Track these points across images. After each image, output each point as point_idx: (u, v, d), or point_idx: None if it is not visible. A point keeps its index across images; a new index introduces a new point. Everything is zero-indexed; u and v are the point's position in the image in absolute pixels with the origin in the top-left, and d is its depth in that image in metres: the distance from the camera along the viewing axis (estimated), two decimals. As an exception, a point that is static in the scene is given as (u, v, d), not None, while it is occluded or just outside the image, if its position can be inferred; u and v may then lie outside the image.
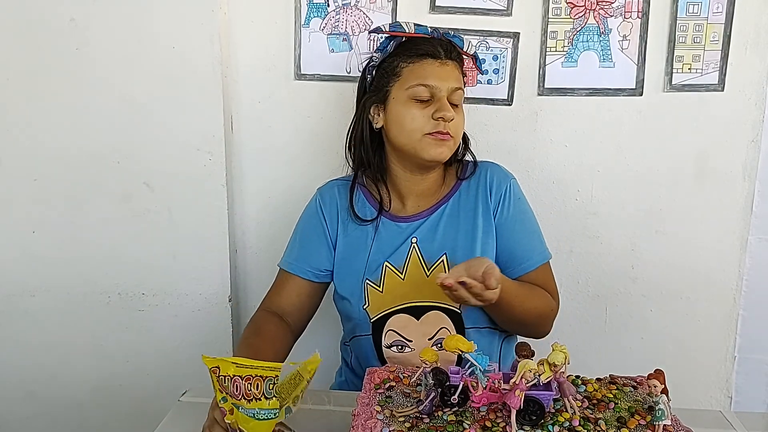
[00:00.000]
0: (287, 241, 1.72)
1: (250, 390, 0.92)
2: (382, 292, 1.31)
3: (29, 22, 1.55)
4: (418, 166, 1.33)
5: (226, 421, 0.95)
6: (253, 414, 0.92)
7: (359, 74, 1.61)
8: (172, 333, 1.70)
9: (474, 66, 1.44)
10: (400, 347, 1.30)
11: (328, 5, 1.60)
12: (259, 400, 0.92)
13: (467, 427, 0.88)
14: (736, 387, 1.80)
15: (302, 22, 1.61)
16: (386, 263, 1.31)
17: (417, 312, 1.30)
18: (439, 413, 0.92)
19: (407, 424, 0.90)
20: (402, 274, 1.31)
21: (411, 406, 0.94)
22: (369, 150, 1.36)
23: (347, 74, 1.63)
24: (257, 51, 1.64)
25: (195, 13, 1.55)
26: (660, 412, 0.88)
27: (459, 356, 0.94)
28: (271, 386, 0.93)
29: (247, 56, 1.64)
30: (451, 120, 1.27)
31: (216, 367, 0.93)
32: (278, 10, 1.61)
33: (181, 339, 1.70)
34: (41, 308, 1.69)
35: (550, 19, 1.60)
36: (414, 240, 1.32)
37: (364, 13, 1.61)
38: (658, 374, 0.91)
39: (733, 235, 1.72)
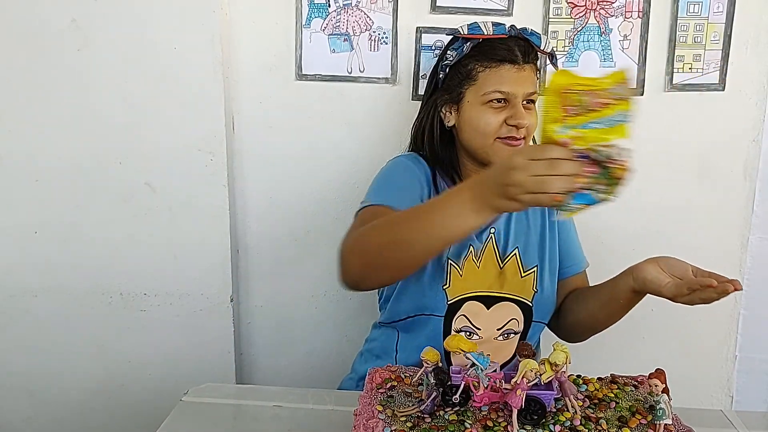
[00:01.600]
0: (289, 241, 1.73)
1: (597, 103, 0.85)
2: (461, 276, 1.30)
3: (30, 23, 1.55)
4: (489, 164, 1.32)
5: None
6: (617, 118, 0.86)
7: (360, 74, 1.63)
8: (173, 333, 1.71)
9: (551, 63, 1.39)
10: (468, 333, 1.29)
11: (329, 6, 1.61)
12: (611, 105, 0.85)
13: (469, 426, 0.89)
14: (737, 386, 1.80)
15: (303, 23, 1.61)
16: (471, 245, 1.30)
17: (488, 301, 1.30)
18: (441, 413, 0.92)
19: (409, 424, 0.90)
20: (477, 261, 1.31)
21: (412, 405, 0.94)
22: (440, 147, 1.36)
23: (348, 74, 1.64)
24: (258, 51, 1.64)
25: (196, 14, 1.55)
26: (661, 411, 0.88)
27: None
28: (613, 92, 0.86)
29: (248, 57, 1.65)
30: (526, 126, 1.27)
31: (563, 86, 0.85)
32: (279, 10, 1.62)
33: (183, 339, 1.70)
34: (43, 309, 1.70)
35: (550, 19, 1.60)
36: (492, 231, 1.32)
37: (364, 14, 1.61)
38: (659, 374, 0.91)
39: (733, 234, 1.72)
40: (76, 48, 1.57)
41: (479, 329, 1.29)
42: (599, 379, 1.04)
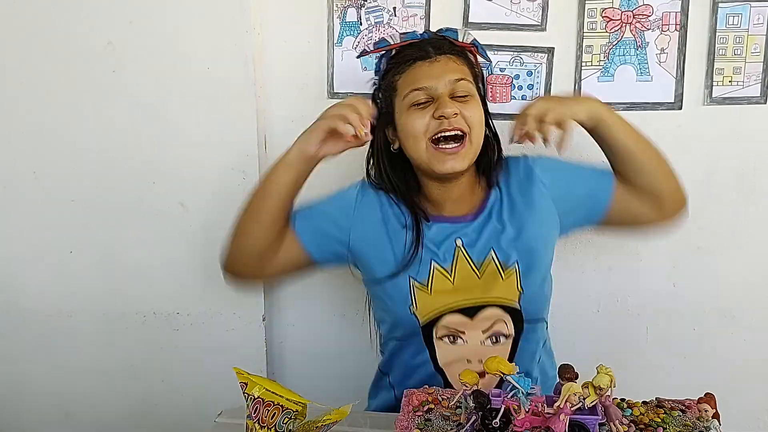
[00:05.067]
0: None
1: (266, 417, 0.90)
2: (430, 294, 1.26)
3: (68, 45, 1.58)
4: (442, 177, 1.28)
5: None
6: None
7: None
8: (206, 352, 1.70)
9: (476, 53, 1.33)
10: (452, 338, 1.26)
11: (361, 24, 1.61)
12: (270, 429, 0.90)
13: (510, 452, 0.86)
14: (787, 409, 1.74)
15: (335, 41, 1.61)
16: (433, 262, 1.27)
17: (470, 312, 1.26)
18: (481, 437, 0.90)
19: (448, 449, 0.88)
20: (451, 276, 1.27)
21: (451, 429, 0.92)
22: (390, 172, 1.33)
23: (380, 92, 1.63)
24: (290, 70, 1.65)
25: (229, 35, 1.56)
26: (712, 437, 0.85)
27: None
28: (286, 419, 0.91)
29: (281, 76, 1.65)
30: (454, 115, 1.20)
31: (244, 383, 0.92)
32: (311, 29, 1.62)
33: (216, 358, 1.70)
34: (78, 328, 1.71)
35: (585, 34, 1.58)
36: (459, 242, 1.28)
37: (396, 31, 1.60)
38: (709, 398, 0.88)
39: (778, 250, 1.66)
40: (111, 69, 1.58)
41: (463, 333, 1.25)
42: (644, 402, 1.00)
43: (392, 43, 1.29)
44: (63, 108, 1.61)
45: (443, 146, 1.22)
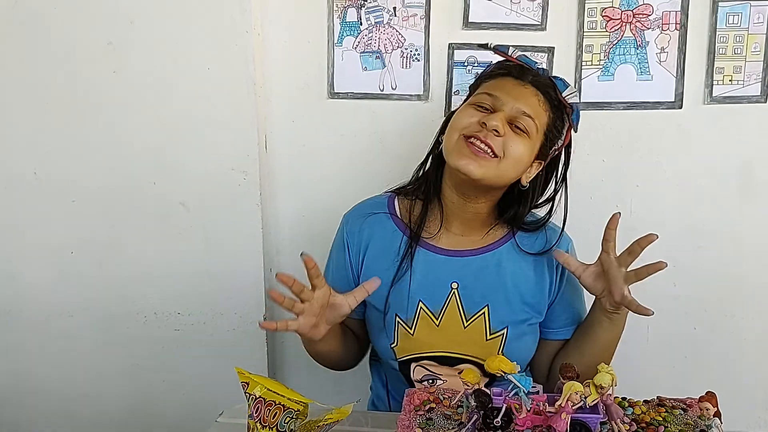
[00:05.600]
0: (321, 259, 1.72)
1: (268, 416, 0.90)
2: (413, 335, 1.23)
3: (68, 46, 1.58)
4: (459, 181, 1.21)
5: None
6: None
7: (392, 92, 1.62)
8: (207, 352, 1.71)
9: (568, 117, 1.24)
10: (431, 381, 1.25)
11: (361, 24, 1.61)
12: (271, 429, 0.90)
13: (511, 451, 0.86)
14: (787, 408, 1.74)
15: (335, 41, 1.61)
16: (421, 303, 1.24)
17: (448, 362, 1.24)
18: (482, 436, 0.90)
19: (449, 448, 0.88)
20: (437, 319, 1.24)
21: (452, 428, 0.92)
22: (430, 162, 1.29)
23: (380, 92, 1.63)
24: (291, 70, 1.65)
25: (230, 35, 1.56)
26: (714, 436, 0.85)
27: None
28: (288, 419, 0.91)
29: (281, 76, 1.65)
30: (495, 131, 1.13)
31: (246, 382, 0.92)
32: (311, 29, 1.62)
33: (217, 358, 1.70)
34: (79, 328, 1.71)
35: (585, 33, 1.58)
36: (455, 285, 1.24)
37: (396, 31, 1.60)
38: (710, 397, 0.88)
39: (779, 249, 1.66)
40: (112, 70, 1.59)
41: (440, 374, 1.25)
42: (645, 401, 1.00)
43: (510, 54, 1.23)
44: (63, 108, 1.61)
45: (472, 142, 1.15)
